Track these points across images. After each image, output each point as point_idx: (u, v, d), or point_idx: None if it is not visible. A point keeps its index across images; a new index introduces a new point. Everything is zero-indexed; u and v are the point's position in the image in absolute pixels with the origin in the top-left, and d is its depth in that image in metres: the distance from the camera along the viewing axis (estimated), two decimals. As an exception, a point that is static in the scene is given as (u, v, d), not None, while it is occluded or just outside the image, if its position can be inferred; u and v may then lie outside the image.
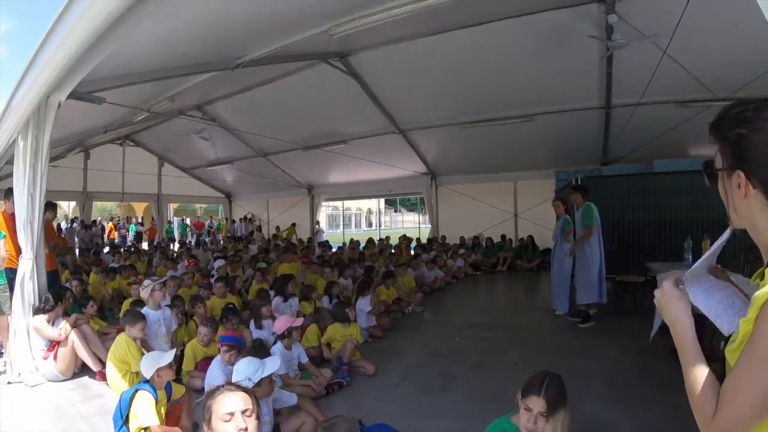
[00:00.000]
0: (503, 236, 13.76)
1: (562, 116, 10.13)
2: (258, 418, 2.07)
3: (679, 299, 1.14)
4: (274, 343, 4.63)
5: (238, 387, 2.17)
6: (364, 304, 6.33)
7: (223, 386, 2.16)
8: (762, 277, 1.02)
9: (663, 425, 3.54)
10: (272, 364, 3.34)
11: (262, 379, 3.20)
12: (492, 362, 5.15)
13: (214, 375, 3.96)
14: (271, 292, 6.60)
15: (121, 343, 4.29)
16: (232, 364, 3.59)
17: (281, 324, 4.55)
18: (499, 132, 11.38)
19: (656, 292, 1.18)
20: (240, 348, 4.15)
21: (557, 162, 12.40)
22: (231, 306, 5.83)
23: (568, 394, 2.35)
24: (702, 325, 1.17)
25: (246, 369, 3.22)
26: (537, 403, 2.26)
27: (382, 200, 23.51)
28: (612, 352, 5.33)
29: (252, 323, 5.53)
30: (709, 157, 1.15)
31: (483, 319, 7.29)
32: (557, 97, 9.52)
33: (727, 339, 1.07)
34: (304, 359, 4.65)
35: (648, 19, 6.46)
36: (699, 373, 1.02)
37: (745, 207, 1.04)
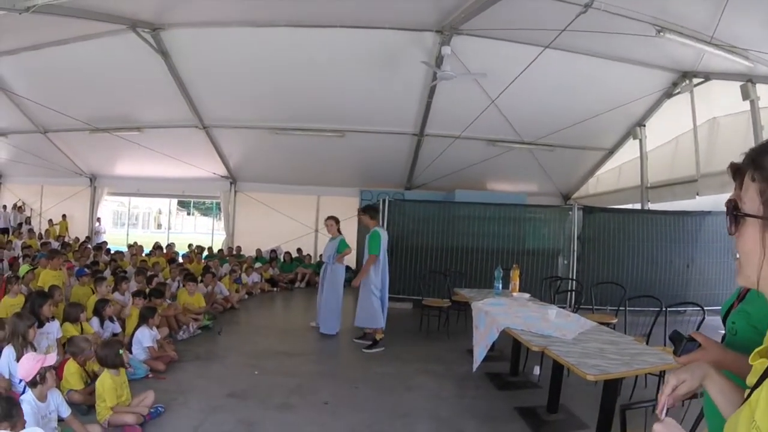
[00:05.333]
0: (299, 251, 13.30)
1: (375, 137, 10.22)
2: None
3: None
4: (22, 393, 3.28)
5: None
6: (145, 336, 5.10)
7: None
8: None
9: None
10: None
11: None
12: (300, 401, 4.51)
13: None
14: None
15: None
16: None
17: (29, 365, 3.21)
18: (310, 143, 11.06)
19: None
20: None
21: (363, 181, 12.56)
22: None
23: None
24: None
25: None
26: None
27: (175, 200, 21.21)
28: (430, 382, 5.12)
29: (8, 355, 3.93)
30: (733, 197, 0.92)
31: (284, 346, 6.57)
32: (374, 118, 9.58)
33: None
34: (66, 412, 3.37)
35: (477, 61, 6.84)
36: None
37: None
